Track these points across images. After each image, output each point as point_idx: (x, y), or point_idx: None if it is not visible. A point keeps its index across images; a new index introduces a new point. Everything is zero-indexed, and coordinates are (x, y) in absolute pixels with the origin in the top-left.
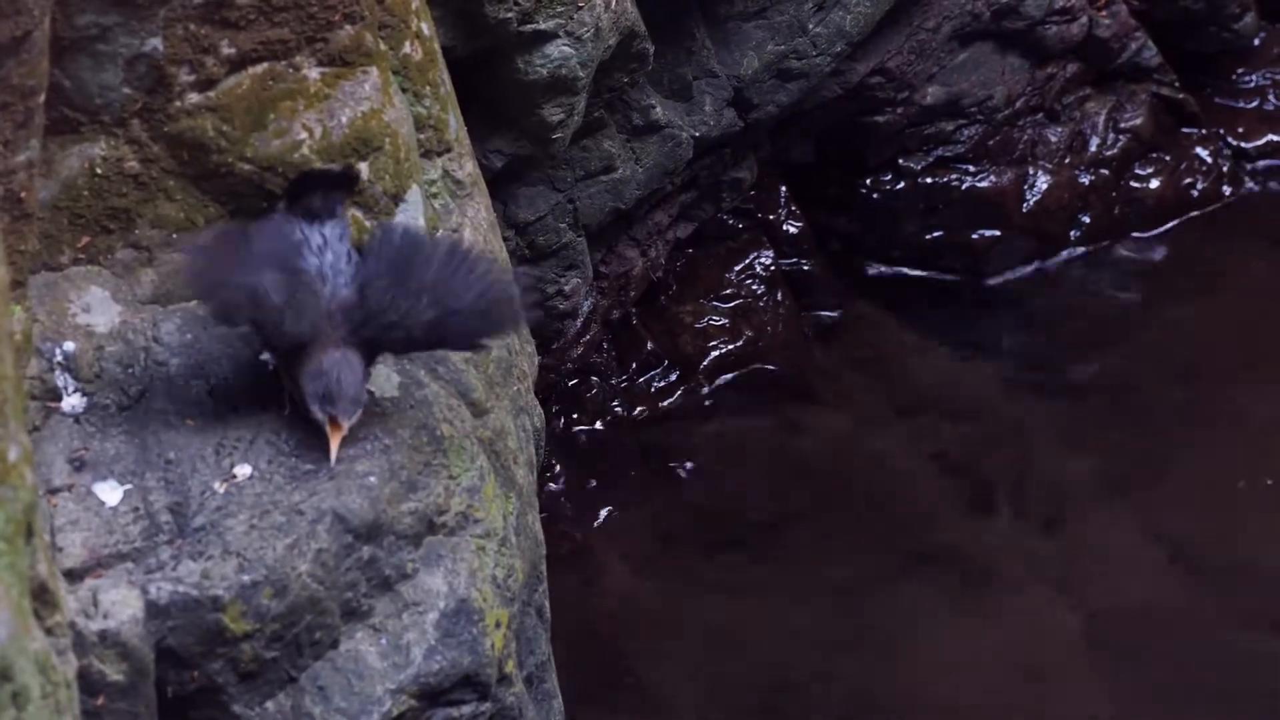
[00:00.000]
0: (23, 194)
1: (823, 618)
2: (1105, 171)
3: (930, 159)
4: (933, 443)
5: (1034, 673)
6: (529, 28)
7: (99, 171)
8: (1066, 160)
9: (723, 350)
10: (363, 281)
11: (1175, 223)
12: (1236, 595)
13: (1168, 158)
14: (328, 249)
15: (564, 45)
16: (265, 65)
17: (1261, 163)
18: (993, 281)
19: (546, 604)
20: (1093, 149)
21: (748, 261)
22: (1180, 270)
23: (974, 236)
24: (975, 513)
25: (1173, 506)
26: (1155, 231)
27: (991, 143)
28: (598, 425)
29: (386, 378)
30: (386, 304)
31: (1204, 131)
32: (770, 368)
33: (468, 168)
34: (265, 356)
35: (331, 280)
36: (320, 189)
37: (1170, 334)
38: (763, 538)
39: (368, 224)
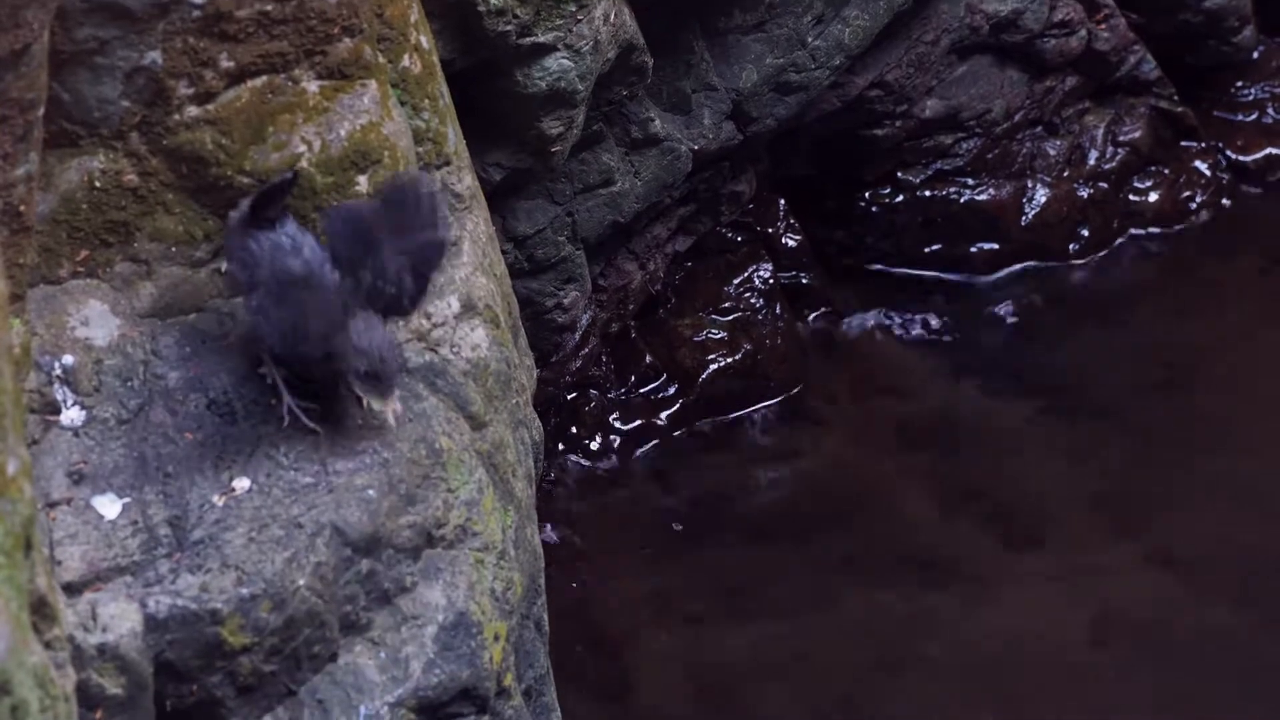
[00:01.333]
0: (21, 207)
1: (822, 632)
2: (1104, 184)
3: (929, 172)
4: (929, 456)
5: (1027, 688)
6: (528, 41)
7: (98, 185)
8: (1065, 173)
9: (721, 363)
10: (342, 265)
11: (1174, 235)
12: (1235, 607)
13: (1166, 171)
14: (303, 246)
15: (563, 58)
16: (264, 78)
17: (1260, 176)
18: (991, 294)
19: (545, 617)
20: (1091, 162)
21: (746, 275)
22: (1179, 284)
23: (973, 249)
24: (972, 527)
25: (1172, 521)
26: (1154, 244)
27: (990, 156)
28: (596, 438)
29: None
30: (381, 279)
31: (1203, 145)
32: (768, 381)
33: (466, 181)
34: (263, 370)
35: (318, 269)
36: (274, 201)
37: (1169, 347)
38: (760, 551)
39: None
